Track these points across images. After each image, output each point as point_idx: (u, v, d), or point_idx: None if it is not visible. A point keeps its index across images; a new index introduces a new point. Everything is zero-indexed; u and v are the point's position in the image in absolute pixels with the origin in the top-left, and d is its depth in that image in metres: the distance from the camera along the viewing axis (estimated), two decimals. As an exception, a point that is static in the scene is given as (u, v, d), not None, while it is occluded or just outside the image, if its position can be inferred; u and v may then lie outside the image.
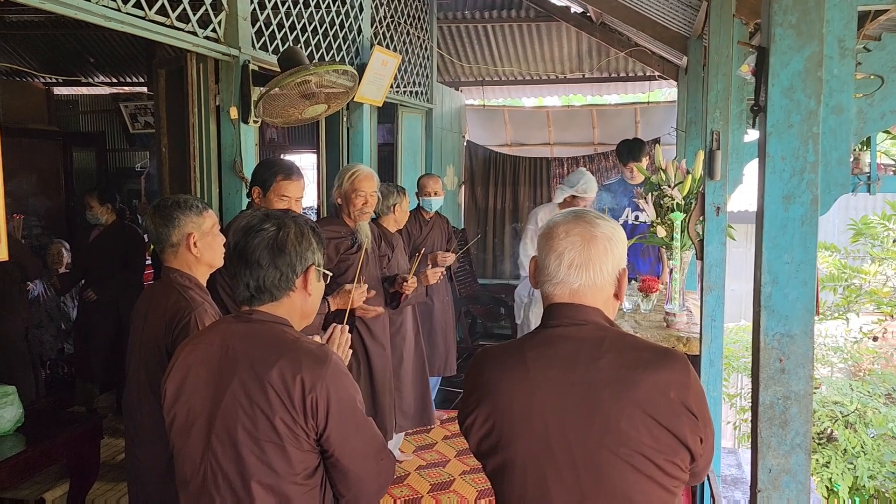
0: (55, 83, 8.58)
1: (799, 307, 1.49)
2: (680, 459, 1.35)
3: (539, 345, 1.43)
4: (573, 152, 7.81)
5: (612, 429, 1.32)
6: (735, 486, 4.21)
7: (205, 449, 1.57)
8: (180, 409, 1.62)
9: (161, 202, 2.28)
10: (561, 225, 1.44)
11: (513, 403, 1.39)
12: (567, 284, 1.43)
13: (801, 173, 1.46)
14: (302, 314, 1.69)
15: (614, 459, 1.32)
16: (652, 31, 5.39)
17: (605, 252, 1.42)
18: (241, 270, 1.62)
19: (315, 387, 1.51)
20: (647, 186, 3.87)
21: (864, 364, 7.03)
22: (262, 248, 1.59)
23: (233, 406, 1.54)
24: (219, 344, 1.61)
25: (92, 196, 4.87)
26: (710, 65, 2.95)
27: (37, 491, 3.69)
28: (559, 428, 1.36)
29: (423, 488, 3.85)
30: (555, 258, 1.43)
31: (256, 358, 1.55)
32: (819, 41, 1.43)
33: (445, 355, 4.78)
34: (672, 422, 1.32)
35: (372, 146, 5.04)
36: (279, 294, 1.62)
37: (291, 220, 1.65)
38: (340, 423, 1.54)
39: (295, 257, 1.62)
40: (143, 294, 2.38)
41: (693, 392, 1.35)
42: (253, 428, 1.52)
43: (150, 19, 2.79)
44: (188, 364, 1.63)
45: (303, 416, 1.51)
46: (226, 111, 3.36)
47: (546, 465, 1.37)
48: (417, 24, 5.85)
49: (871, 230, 6.92)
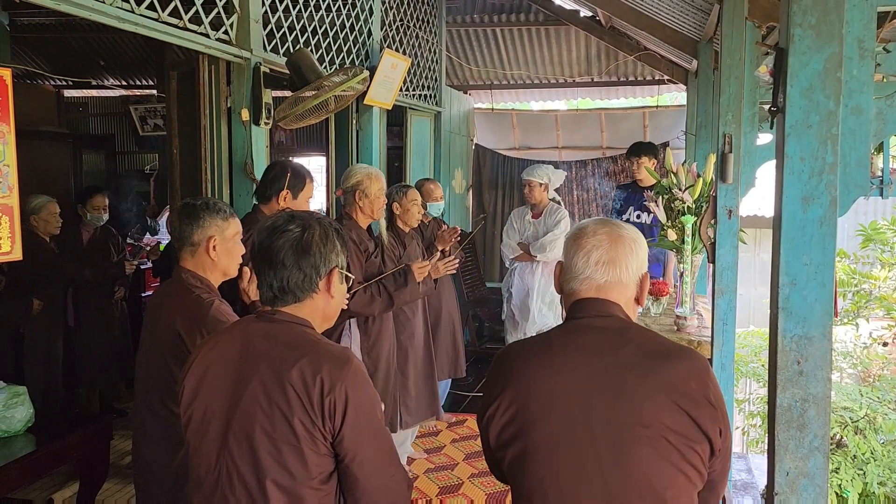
0: (65, 86, 8.62)
1: (817, 309, 1.48)
2: (700, 449, 1.37)
3: (564, 334, 1.49)
4: (581, 156, 7.79)
5: (635, 411, 1.35)
6: (745, 491, 4.19)
7: (221, 448, 1.56)
8: (197, 408, 1.61)
9: (191, 201, 2.30)
10: (588, 226, 1.51)
11: (537, 387, 1.42)
12: (593, 280, 1.48)
13: (819, 174, 1.46)
14: (324, 316, 1.68)
15: (637, 443, 1.34)
16: (661, 35, 5.39)
17: (630, 252, 1.49)
18: (265, 270, 1.61)
19: (334, 387, 1.49)
20: (657, 189, 3.86)
21: (873, 370, 6.98)
22: (287, 248, 1.58)
23: (251, 405, 1.53)
24: (239, 342, 1.60)
25: (103, 196, 4.90)
26: (721, 68, 2.93)
27: (46, 491, 3.70)
28: (583, 410, 1.38)
29: (432, 491, 3.84)
30: (582, 255, 1.48)
31: (277, 357, 1.54)
32: (839, 42, 1.42)
33: (455, 358, 4.77)
34: (693, 409, 1.35)
35: (381, 149, 5.04)
36: (302, 295, 1.62)
37: (316, 221, 1.64)
38: (356, 427, 1.52)
39: (319, 259, 1.61)
40: (156, 293, 2.39)
41: (713, 385, 1.39)
42: (271, 428, 1.51)
43: (163, 21, 2.80)
44: (207, 362, 1.62)
45: (321, 417, 1.49)
46: (237, 113, 3.37)
47: (568, 448, 1.38)
48: (427, 28, 5.86)
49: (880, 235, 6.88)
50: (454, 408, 5.30)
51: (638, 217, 5.24)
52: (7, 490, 2.98)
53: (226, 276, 2.34)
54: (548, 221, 5.31)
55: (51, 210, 4.41)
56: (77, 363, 4.79)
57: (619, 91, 7.85)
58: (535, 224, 5.33)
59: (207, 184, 3.44)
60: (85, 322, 4.80)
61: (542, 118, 8.10)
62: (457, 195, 7.01)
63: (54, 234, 4.48)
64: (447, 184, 6.59)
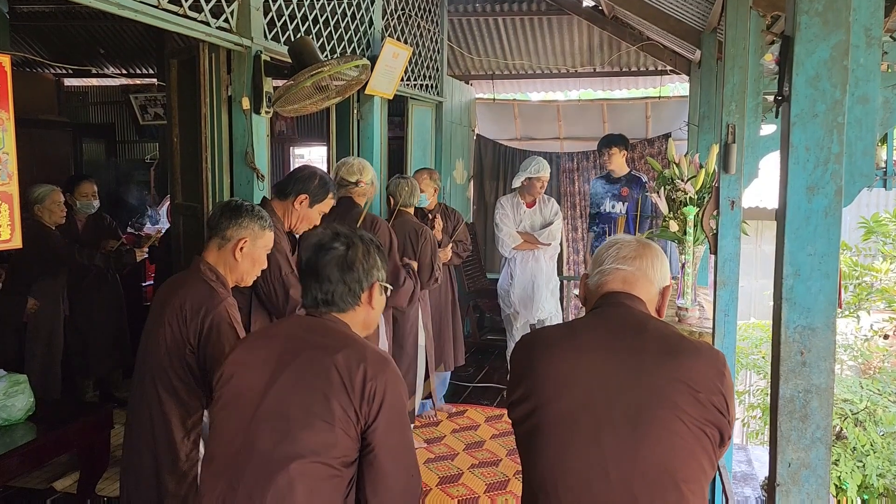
0: (65, 74, 8.59)
1: (821, 300, 1.47)
2: (712, 436, 1.41)
3: (587, 320, 1.57)
4: (583, 147, 7.76)
5: (655, 394, 1.39)
6: (745, 482, 4.20)
7: (248, 424, 1.60)
8: (231, 387, 1.68)
9: (238, 201, 2.42)
10: (617, 237, 1.66)
11: (559, 364, 1.48)
12: (620, 272, 1.58)
13: (825, 164, 1.44)
14: (364, 325, 1.80)
15: (656, 425, 1.38)
16: (665, 25, 5.35)
17: (657, 256, 1.61)
18: (312, 284, 1.74)
19: (376, 377, 1.58)
20: (659, 180, 3.85)
21: (874, 362, 6.98)
22: (333, 265, 1.72)
23: (290, 383, 1.60)
24: (284, 332, 1.73)
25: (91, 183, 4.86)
26: (725, 57, 2.91)
27: (47, 480, 3.70)
28: (602, 388, 1.42)
29: (432, 481, 3.85)
30: (613, 251, 1.60)
31: (323, 344, 1.64)
32: (846, 30, 1.40)
33: (454, 348, 4.80)
34: (709, 399, 1.40)
35: (382, 139, 5.02)
36: (346, 307, 1.74)
37: (359, 238, 1.78)
38: (389, 420, 1.59)
39: (362, 274, 1.74)
40: (169, 281, 2.41)
41: (728, 379, 1.45)
42: (310, 403, 1.57)
43: (163, 8, 2.78)
44: (249, 348, 1.73)
45: (359, 400, 1.56)
46: (238, 102, 3.35)
47: (586, 426, 1.41)
48: (428, 17, 5.83)
49: (882, 228, 6.86)
50: (454, 398, 5.30)
51: (613, 207, 5.49)
52: (7, 478, 2.99)
53: (240, 282, 2.40)
54: (544, 211, 5.39)
55: (54, 199, 4.38)
56: (73, 352, 4.77)
57: (621, 82, 7.81)
58: (531, 214, 5.39)
59: (208, 173, 3.42)
60: (81, 311, 4.78)
61: (544, 109, 8.07)
62: (458, 185, 6.99)
63: (59, 223, 4.44)
64: (448, 174, 6.58)
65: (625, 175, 5.57)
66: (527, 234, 5.35)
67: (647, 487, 1.35)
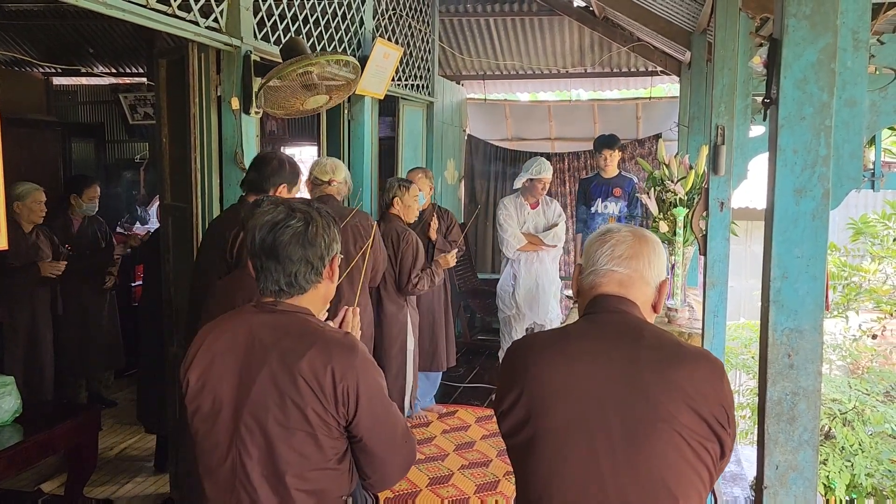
0: (54, 73, 8.52)
1: (809, 302, 1.48)
2: (712, 449, 1.36)
3: (581, 327, 1.49)
4: (574, 147, 7.78)
5: (652, 406, 1.34)
6: (734, 482, 4.21)
7: (232, 437, 1.57)
8: (205, 399, 1.61)
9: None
10: (614, 227, 1.55)
11: (552, 373, 1.41)
12: (616, 273, 1.48)
13: (812, 167, 1.45)
14: (324, 300, 1.73)
15: (653, 437, 1.33)
16: (655, 26, 5.37)
17: (654, 251, 1.50)
18: (271, 266, 1.61)
19: (346, 376, 1.53)
20: (649, 181, 3.86)
21: (862, 362, 7.02)
22: (294, 243, 1.60)
23: (262, 397, 1.54)
24: (244, 334, 1.61)
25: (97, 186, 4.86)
26: (715, 59, 2.92)
27: (34, 482, 3.68)
28: (598, 398, 1.37)
29: (422, 482, 3.84)
30: (607, 248, 1.50)
31: (286, 349, 1.55)
32: (833, 33, 1.41)
33: (446, 349, 4.80)
34: (707, 411, 1.35)
35: (373, 139, 5.01)
36: (308, 286, 1.64)
37: (315, 211, 1.66)
38: (370, 410, 1.57)
39: (324, 249, 1.64)
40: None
41: (727, 389, 1.39)
42: (284, 419, 1.53)
43: (151, 7, 2.76)
44: (212, 353, 1.63)
45: (334, 404, 1.53)
46: (227, 102, 3.33)
47: (581, 437, 1.36)
48: (419, 17, 5.82)
49: (870, 229, 6.90)
50: (445, 399, 5.30)
51: (605, 207, 5.53)
52: (-6, 480, 2.96)
53: None
54: (548, 211, 5.39)
55: (36, 198, 4.33)
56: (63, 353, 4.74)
57: (612, 82, 7.83)
58: (535, 215, 5.38)
59: (197, 173, 3.40)
60: (72, 312, 4.74)
61: (535, 109, 8.07)
62: (449, 186, 6.99)
63: (37, 222, 4.38)
64: (440, 174, 6.57)
65: (615, 176, 5.61)
66: (531, 236, 5.34)
67: (644, 502, 1.33)
